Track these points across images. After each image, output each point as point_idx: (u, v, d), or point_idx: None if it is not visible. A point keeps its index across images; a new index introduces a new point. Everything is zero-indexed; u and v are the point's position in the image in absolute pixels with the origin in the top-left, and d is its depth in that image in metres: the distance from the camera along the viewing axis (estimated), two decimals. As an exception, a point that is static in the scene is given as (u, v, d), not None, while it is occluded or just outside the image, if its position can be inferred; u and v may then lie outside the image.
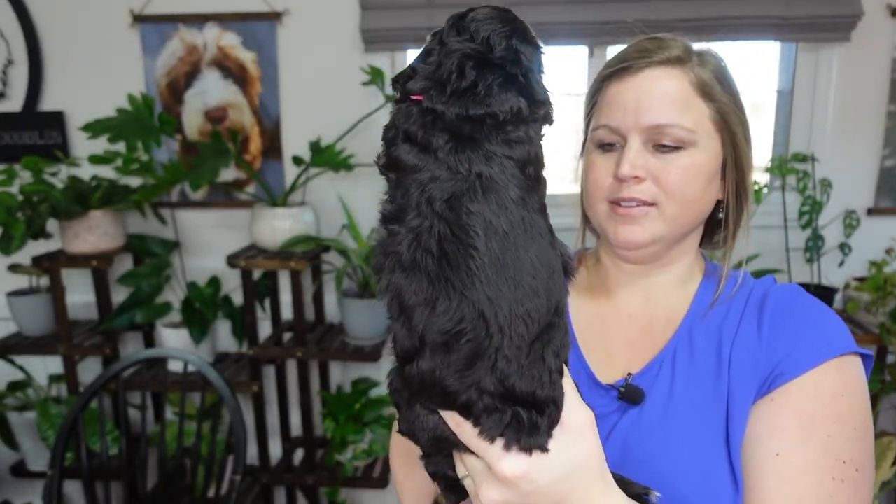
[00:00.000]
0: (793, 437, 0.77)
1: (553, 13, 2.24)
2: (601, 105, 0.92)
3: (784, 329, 0.85)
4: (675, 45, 0.89)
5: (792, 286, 0.94)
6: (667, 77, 0.87)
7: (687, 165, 0.85)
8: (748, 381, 0.82)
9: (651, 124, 0.85)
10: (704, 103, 0.88)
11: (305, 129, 2.39)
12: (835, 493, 0.74)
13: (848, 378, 0.81)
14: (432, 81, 0.57)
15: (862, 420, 0.80)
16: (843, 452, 0.76)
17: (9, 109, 2.47)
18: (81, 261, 2.24)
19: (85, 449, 1.85)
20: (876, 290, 2.21)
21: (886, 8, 2.24)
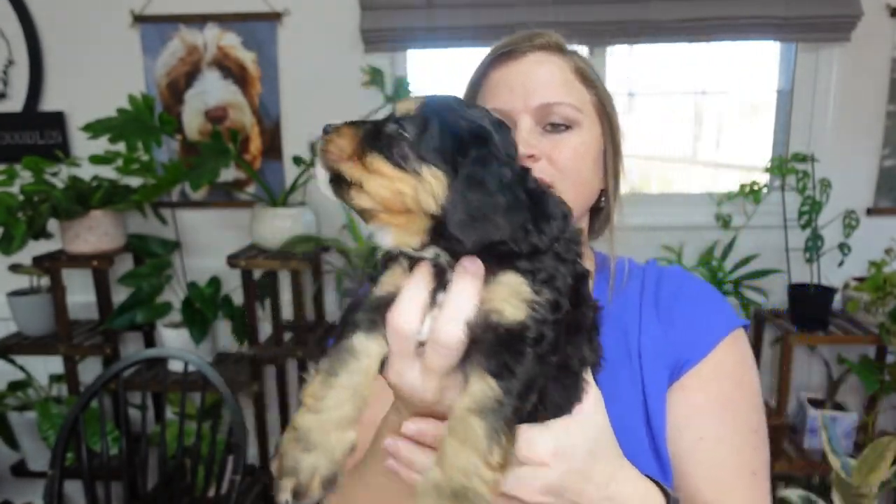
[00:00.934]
0: (710, 420, 0.84)
1: (553, 13, 2.24)
2: (485, 90, 0.92)
3: (680, 315, 0.91)
4: (551, 33, 0.92)
5: (676, 269, 1.00)
6: (549, 61, 0.89)
7: (577, 144, 0.88)
8: (659, 369, 0.87)
9: (540, 103, 0.86)
10: (585, 89, 0.90)
11: (305, 128, 2.39)
12: (752, 461, 0.83)
13: (740, 351, 0.90)
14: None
15: (756, 386, 0.89)
16: (751, 422, 0.86)
17: (9, 109, 2.47)
18: (82, 261, 2.24)
19: (85, 449, 1.85)
20: (875, 290, 2.21)
21: (886, 8, 2.24)
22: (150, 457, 2.41)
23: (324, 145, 0.61)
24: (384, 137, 0.59)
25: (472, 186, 0.56)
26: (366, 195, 0.59)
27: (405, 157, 0.58)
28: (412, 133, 0.59)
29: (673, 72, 2.60)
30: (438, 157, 0.58)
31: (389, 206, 0.58)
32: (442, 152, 0.58)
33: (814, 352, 2.47)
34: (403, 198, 0.57)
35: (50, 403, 2.31)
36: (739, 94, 2.64)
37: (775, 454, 2.27)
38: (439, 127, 0.59)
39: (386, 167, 0.58)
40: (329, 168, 0.61)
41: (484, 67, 0.92)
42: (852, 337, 2.18)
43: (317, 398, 0.56)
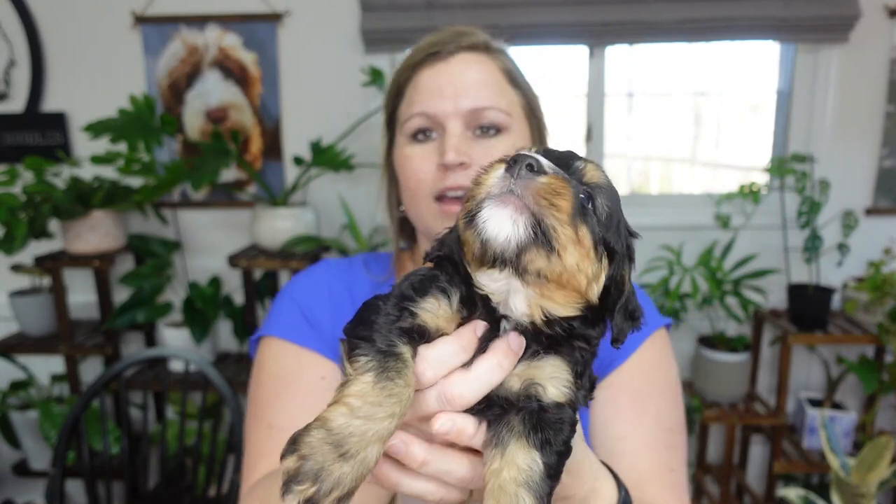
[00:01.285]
0: (631, 419, 0.87)
1: (553, 13, 2.24)
2: (411, 94, 0.89)
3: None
4: (478, 32, 0.90)
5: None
6: (478, 62, 0.87)
7: (507, 149, 0.85)
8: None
9: (470, 108, 0.85)
10: (514, 91, 0.89)
11: (306, 129, 2.40)
12: (670, 458, 0.86)
13: (661, 350, 0.92)
14: None
15: (676, 385, 0.92)
16: (670, 420, 0.88)
17: (11, 110, 2.48)
18: (83, 261, 2.25)
19: (87, 448, 1.86)
20: (874, 290, 2.21)
21: (884, 9, 2.25)
22: (151, 456, 2.42)
23: (541, 191, 0.50)
24: (584, 207, 0.53)
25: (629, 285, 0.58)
26: (559, 264, 0.51)
27: (598, 239, 0.54)
28: (602, 215, 0.55)
29: (673, 72, 2.61)
30: (613, 249, 0.55)
31: (564, 281, 0.52)
32: (616, 246, 0.56)
33: (813, 351, 2.48)
34: (581, 279, 0.53)
35: (51, 403, 2.32)
36: (739, 95, 2.65)
37: (775, 454, 2.28)
38: (618, 218, 0.56)
39: (590, 244, 0.52)
40: (541, 221, 0.50)
41: (407, 71, 0.90)
42: (851, 337, 2.19)
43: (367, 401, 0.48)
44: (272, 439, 0.84)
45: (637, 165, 2.84)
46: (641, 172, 2.90)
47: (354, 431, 0.47)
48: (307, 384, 0.86)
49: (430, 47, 0.87)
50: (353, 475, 0.46)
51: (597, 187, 0.55)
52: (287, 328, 0.90)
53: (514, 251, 0.50)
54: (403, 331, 0.53)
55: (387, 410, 0.48)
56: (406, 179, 0.89)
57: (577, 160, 0.57)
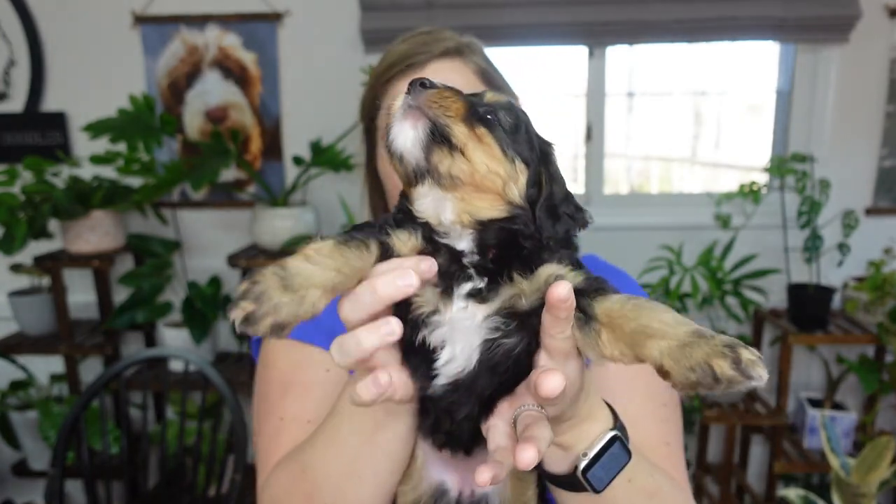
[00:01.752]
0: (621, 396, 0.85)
1: (553, 13, 2.24)
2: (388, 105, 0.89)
3: None
4: (448, 35, 0.91)
5: (590, 258, 1.03)
6: (451, 69, 0.88)
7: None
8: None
9: None
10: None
11: (306, 129, 2.40)
12: (665, 432, 0.86)
13: None
14: None
15: None
16: (662, 396, 0.88)
17: (11, 110, 2.47)
18: (83, 261, 2.25)
19: (86, 448, 1.86)
20: (874, 290, 2.21)
21: (885, 9, 2.25)
22: (151, 456, 2.42)
23: (431, 98, 0.57)
24: (484, 117, 0.59)
25: (557, 187, 0.63)
26: (466, 164, 0.57)
27: (506, 144, 0.59)
28: (507, 125, 0.60)
29: (673, 72, 2.61)
30: (525, 156, 0.61)
31: (479, 183, 0.58)
32: (528, 152, 0.61)
33: (813, 351, 2.48)
34: (496, 179, 0.58)
35: (51, 403, 2.32)
36: (739, 95, 2.65)
37: (775, 454, 2.28)
38: (525, 129, 0.62)
39: (494, 145, 0.58)
40: (435, 122, 0.56)
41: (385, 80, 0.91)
42: (851, 337, 2.19)
43: (321, 254, 0.54)
44: (284, 430, 0.85)
45: (637, 165, 2.84)
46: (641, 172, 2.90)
47: (301, 272, 0.52)
48: (313, 377, 0.88)
49: (403, 60, 0.88)
50: (291, 308, 0.51)
51: (498, 104, 0.61)
52: None
53: (420, 155, 0.57)
54: (377, 239, 0.59)
55: (335, 263, 0.54)
56: (391, 190, 0.92)
57: (482, 93, 0.63)
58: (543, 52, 2.58)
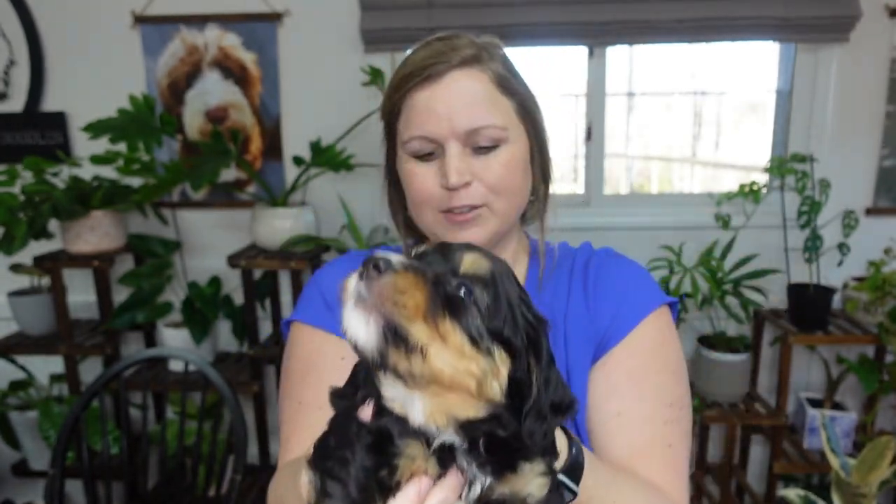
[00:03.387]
0: (628, 395, 0.87)
1: (553, 13, 2.24)
2: (408, 116, 0.91)
3: (604, 295, 0.93)
4: (466, 43, 0.90)
5: (606, 250, 1.02)
6: (469, 78, 0.88)
7: (507, 161, 0.89)
8: (584, 351, 0.90)
9: (467, 129, 0.86)
10: (507, 98, 0.90)
11: (306, 129, 2.40)
12: (668, 434, 0.86)
13: (662, 328, 0.91)
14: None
15: (678, 362, 0.91)
16: (669, 396, 0.87)
17: (10, 110, 2.47)
18: (83, 261, 2.25)
19: (86, 448, 1.86)
20: (874, 290, 2.21)
21: (885, 9, 2.25)
22: (151, 456, 2.42)
23: (385, 291, 0.49)
24: (454, 300, 0.51)
25: (548, 387, 0.53)
26: (427, 365, 0.50)
27: (480, 333, 0.51)
28: (484, 304, 0.52)
29: (673, 72, 2.61)
30: (509, 341, 0.52)
31: (448, 383, 0.51)
32: (511, 336, 0.53)
33: (813, 352, 2.48)
34: (467, 378, 0.51)
35: (51, 403, 2.32)
36: (739, 95, 2.65)
37: (775, 454, 2.28)
38: (507, 304, 0.53)
39: (464, 342, 0.51)
40: (388, 319, 0.49)
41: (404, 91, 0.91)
42: (851, 337, 2.19)
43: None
44: (302, 414, 0.90)
45: (637, 165, 2.84)
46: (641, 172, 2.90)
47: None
48: (330, 364, 0.91)
49: (422, 70, 0.88)
50: None
51: (475, 278, 0.53)
52: (310, 313, 0.96)
53: (375, 353, 0.50)
54: (379, 482, 0.52)
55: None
56: (412, 194, 0.93)
57: (459, 251, 0.55)
58: (543, 52, 2.58)
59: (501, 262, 0.58)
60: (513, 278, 0.58)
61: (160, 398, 2.56)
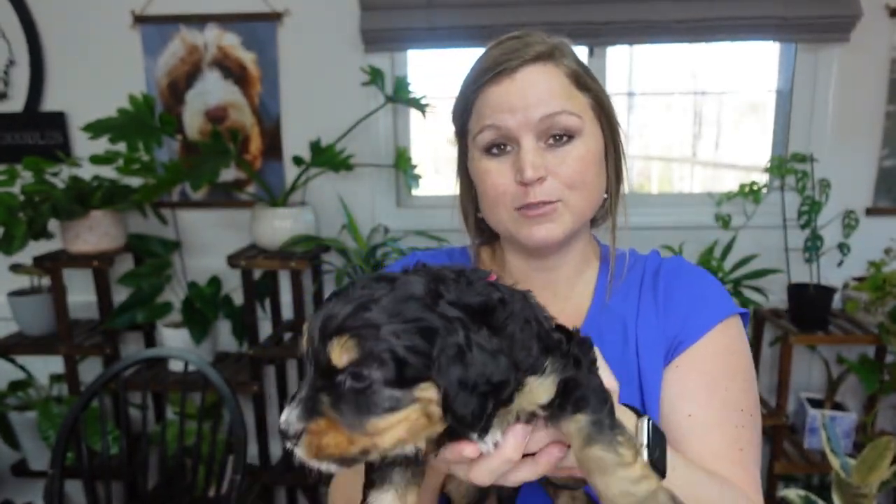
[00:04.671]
0: (700, 398, 0.88)
1: (553, 13, 2.24)
2: (481, 110, 0.90)
3: (676, 301, 0.94)
4: (539, 40, 0.90)
5: (676, 259, 1.03)
6: (543, 72, 0.88)
7: (582, 155, 0.88)
8: (656, 356, 0.91)
9: (541, 117, 0.86)
10: (581, 93, 0.90)
11: (305, 129, 2.39)
12: (738, 438, 0.86)
13: (734, 337, 0.92)
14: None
15: (749, 371, 0.92)
16: (740, 402, 0.88)
17: (10, 110, 2.47)
18: (82, 261, 2.25)
19: (86, 448, 1.86)
20: (875, 290, 2.21)
21: (885, 8, 2.25)
22: (151, 456, 2.42)
23: (310, 451, 0.55)
24: (352, 397, 0.54)
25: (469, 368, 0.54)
26: (383, 450, 0.56)
27: (392, 399, 0.54)
28: (377, 374, 0.53)
29: (673, 72, 2.61)
30: (416, 370, 0.54)
31: (409, 440, 0.56)
32: (416, 370, 0.54)
33: (813, 352, 2.47)
34: (416, 425, 0.55)
35: (50, 403, 2.32)
36: (739, 95, 2.65)
37: (776, 454, 2.28)
38: (390, 349, 0.53)
39: (383, 422, 0.54)
40: (331, 462, 0.56)
41: (474, 90, 0.91)
42: (852, 337, 2.19)
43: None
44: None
45: (637, 165, 2.84)
46: (641, 172, 2.90)
47: None
48: None
49: (495, 66, 0.87)
50: None
51: (350, 364, 0.54)
52: None
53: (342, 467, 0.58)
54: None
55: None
56: (486, 192, 0.92)
57: (325, 346, 0.55)
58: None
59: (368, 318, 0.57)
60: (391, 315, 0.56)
61: (160, 398, 2.56)
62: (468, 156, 0.95)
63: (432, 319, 0.55)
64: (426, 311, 0.56)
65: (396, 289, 0.57)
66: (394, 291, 0.57)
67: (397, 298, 0.56)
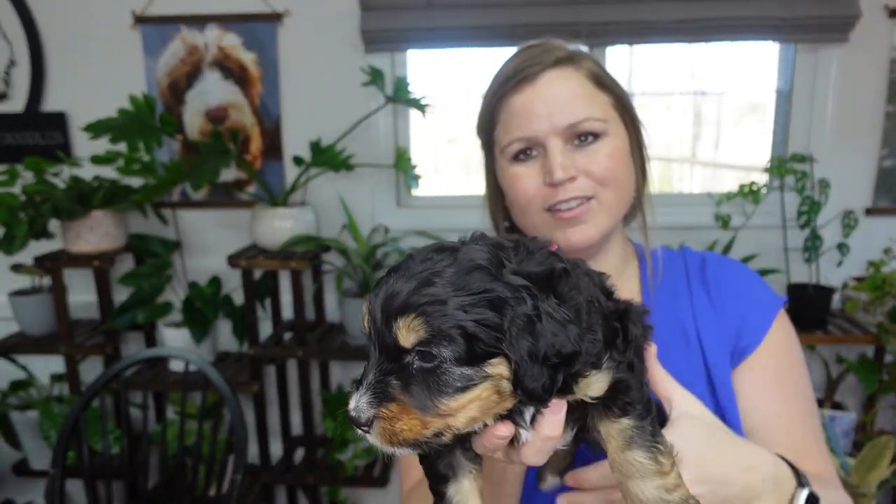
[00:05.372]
0: (780, 396, 0.91)
1: (553, 13, 2.24)
2: (506, 119, 0.91)
3: (729, 297, 0.96)
4: (557, 45, 0.92)
5: (714, 254, 1.05)
6: (564, 77, 0.89)
7: (611, 151, 0.90)
8: (721, 349, 0.93)
9: (566, 124, 0.87)
10: (603, 94, 0.91)
11: (306, 129, 2.40)
12: (815, 428, 0.91)
13: (787, 328, 0.97)
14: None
15: (802, 357, 0.97)
16: (806, 391, 0.93)
17: (11, 110, 2.48)
18: (83, 261, 2.25)
19: (87, 448, 1.86)
20: (874, 290, 2.21)
21: (884, 9, 2.25)
22: (151, 456, 2.42)
23: (384, 437, 0.53)
24: (422, 378, 0.52)
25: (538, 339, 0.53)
26: (456, 430, 0.54)
27: (464, 377, 0.52)
28: (447, 353, 0.51)
29: (672, 72, 2.61)
30: (487, 345, 0.52)
31: (481, 418, 0.55)
32: (484, 338, 0.52)
33: (813, 351, 2.48)
34: (488, 402, 0.54)
35: (51, 403, 2.32)
36: (739, 95, 2.65)
37: (774, 453, 2.28)
38: (458, 324, 0.51)
39: (456, 402, 0.52)
40: (405, 447, 0.54)
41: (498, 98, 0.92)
42: (851, 337, 2.19)
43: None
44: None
45: (637, 165, 2.84)
46: (641, 172, 2.90)
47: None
48: None
49: (516, 73, 0.89)
50: None
51: (418, 343, 0.52)
52: None
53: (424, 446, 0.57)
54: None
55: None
56: (516, 197, 0.93)
57: (391, 324, 0.52)
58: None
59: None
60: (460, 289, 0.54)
61: (160, 398, 2.56)
62: (496, 165, 0.97)
63: (501, 290, 0.52)
64: (493, 282, 0.53)
65: (459, 260, 0.54)
66: (457, 262, 0.54)
67: (461, 270, 0.53)
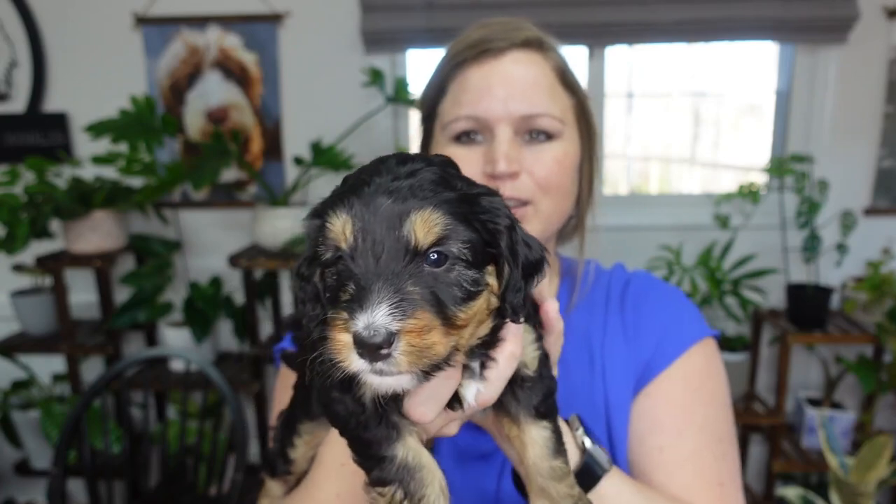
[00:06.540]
0: (672, 430, 0.81)
1: (553, 13, 2.25)
2: (456, 91, 0.81)
3: (647, 322, 0.87)
4: (530, 27, 0.84)
5: (643, 274, 0.94)
6: (531, 62, 0.81)
7: (560, 157, 0.81)
8: (623, 383, 0.84)
9: (522, 114, 0.78)
10: (566, 94, 0.83)
11: (306, 129, 2.40)
12: (719, 472, 0.80)
13: (708, 360, 0.86)
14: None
15: (726, 396, 0.86)
16: (718, 431, 0.82)
17: (12, 110, 2.48)
18: (84, 261, 2.25)
19: (88, 447, 1.87)
20: (873, 290, 2.22)
21: (884, 9, 2.25)
22: (152, 455, 2.43)
23: (411, 357, 0.44)
24: (438, 280, 0.47)
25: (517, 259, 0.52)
26: (462, 346, 0.50)
27: (474, 281, 0.49)
28: (464, 251, 0.48)
29: (672, 72, 2.61)
30: (492, 246, 0.50)
31: (476, 334, 0.52)
32: (488, 240, 0.50)
33: (812, 351, 2.48)
34: (483, 316, 0.52)
35: (53, 402, 2.32)
36: (738, 95, 2.65)
37: (774, 453, 2.29)
38: (466, 221, 0.48)
39: (469, 310, 0.49)
40: (428, 371, 0.47)
41: (456, 63, 0.82)
42: (850, 336, 2.19)
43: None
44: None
45: (637, 166, 2.85)
46: (641, 173, 2.91)
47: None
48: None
49: (481, 43, 0.80)
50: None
51: (438, 242, 0.47)
52: None
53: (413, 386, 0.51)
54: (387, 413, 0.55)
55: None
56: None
57: (404, 220, 0.47)
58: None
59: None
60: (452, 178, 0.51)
61: (161, 398, 2.57)
62: (432, 141, 0.87)
63: (485, 192, 0.51)
64: (474, 186, 0.51)
65: (432, 163, 0.51)
66: (431, 166, 0.50)
67: (443, 173, 0.50)
